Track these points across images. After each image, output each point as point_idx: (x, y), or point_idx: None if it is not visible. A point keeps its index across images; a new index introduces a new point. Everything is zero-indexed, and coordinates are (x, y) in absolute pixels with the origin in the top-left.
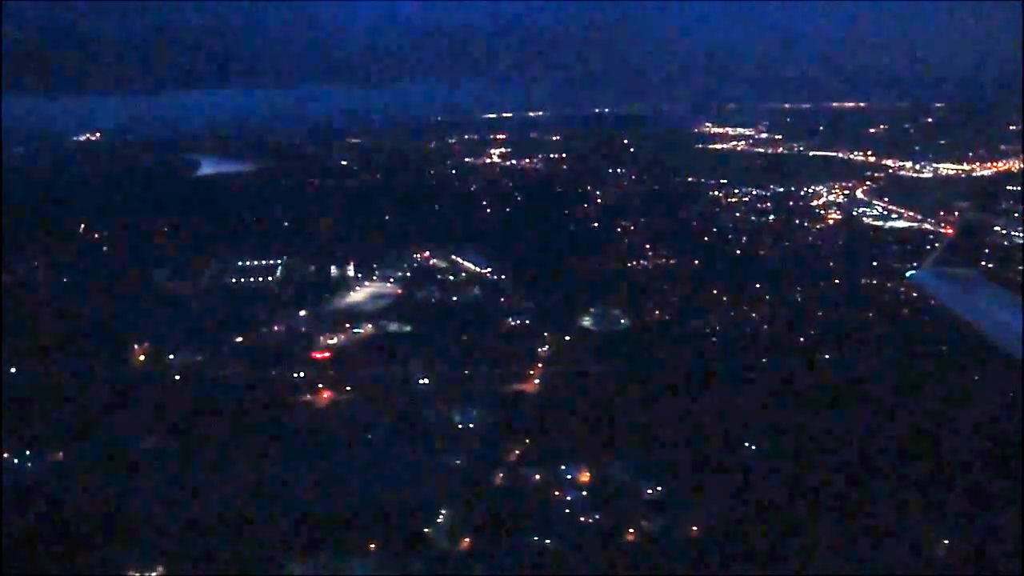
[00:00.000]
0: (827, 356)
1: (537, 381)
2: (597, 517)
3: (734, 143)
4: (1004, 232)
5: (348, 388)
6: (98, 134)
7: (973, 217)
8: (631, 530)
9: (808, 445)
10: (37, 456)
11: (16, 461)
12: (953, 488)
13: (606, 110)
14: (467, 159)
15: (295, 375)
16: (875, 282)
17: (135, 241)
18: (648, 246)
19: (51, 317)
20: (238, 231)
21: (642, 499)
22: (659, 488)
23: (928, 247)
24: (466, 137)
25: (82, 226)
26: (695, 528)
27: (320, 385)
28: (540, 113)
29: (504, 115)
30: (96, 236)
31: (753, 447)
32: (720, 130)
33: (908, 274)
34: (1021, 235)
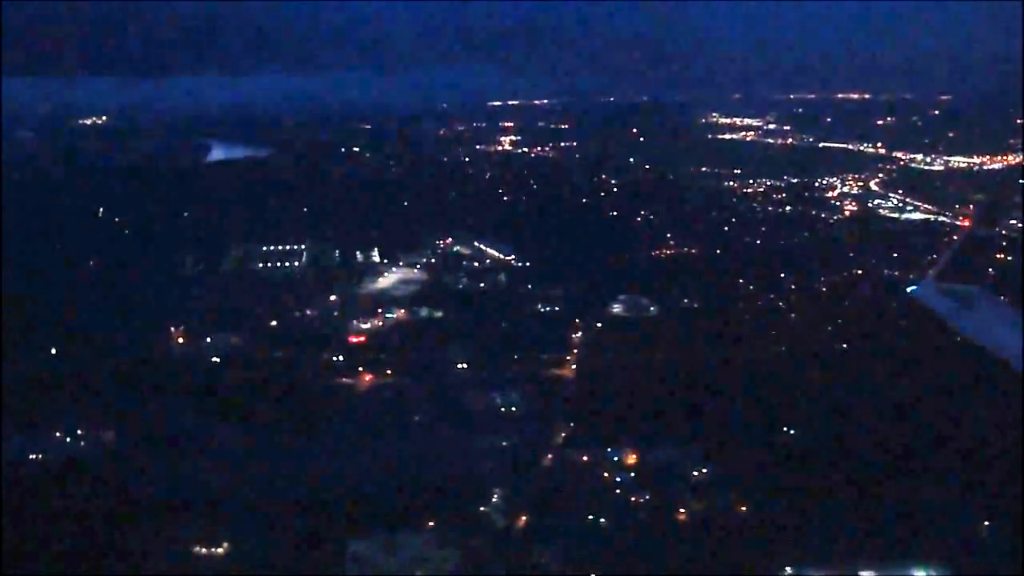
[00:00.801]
0: (852, 345)
1: (574, 366)
2: (647, 497)
3: (743, 134)
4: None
5: (388, 371)
6: (104, 118)
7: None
8: (681, 509)
9: (840, 427)
10: (91, 435)
11: (69, 440)
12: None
13: (611, 99)
14: (478, 146)
15: (334, 358)
16: (897, 272)
17: (154, 226)
18: (669, 235)
19: (83, 300)
20: (255, 217)
21: (688, 480)
22: (704, 470)
23: (946, 239)
24: (475, 124)
25: (100, 210)
26: (743, 508)
27: (360, 368)
28: (546, 101)
29: (511, 103)
30: (116, 221)
31: (790, 430)
32: (728, 120)
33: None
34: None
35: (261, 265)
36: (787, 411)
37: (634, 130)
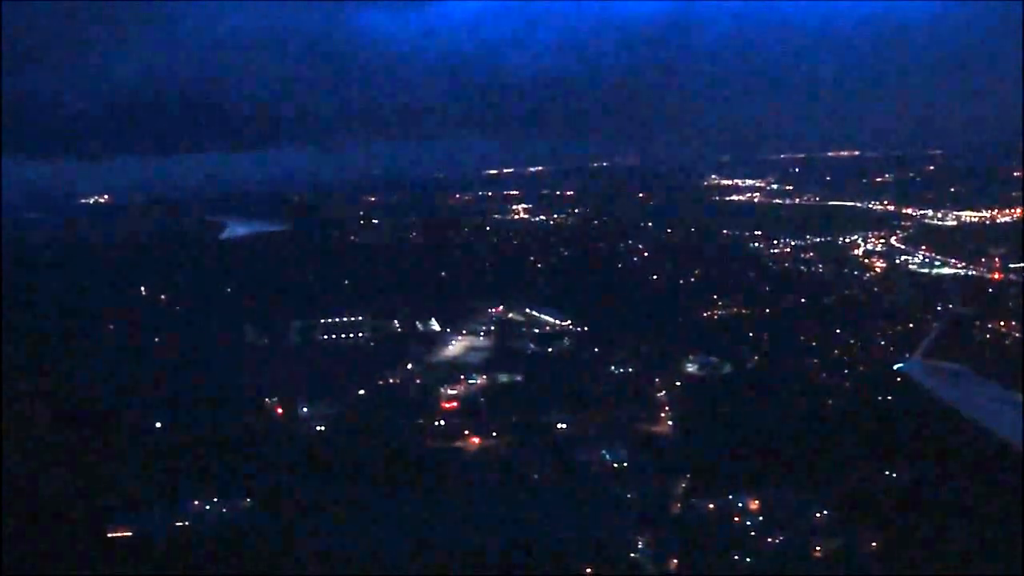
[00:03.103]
0: None
1: (669, 422)
2: (781, 538)
3: (748, 195)
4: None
5: (494, 433)
6: (106, 196)
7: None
8: (817, 548)
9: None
10: (226, 503)
11: (208, 508)
12: None
13: (604, 164)
14: (495, 216)
15: (435, 423)
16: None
17: (200, 303)
18: (715, 296)
19: (166, 377)
20: (298, 290)
21: (812, 521)
22: (824, 512)
23: (981, 292)
24: (479, 194)
25: (142, 289)
26: (874, 544)
27: (466, 432)
28: (540, 168)
29: (505, 170)
30: (162, 298)
31: (891, 473)
32: (729, 182)
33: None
34: None
35: (325, 337)
36: (878, 453)
37: (641, 195)
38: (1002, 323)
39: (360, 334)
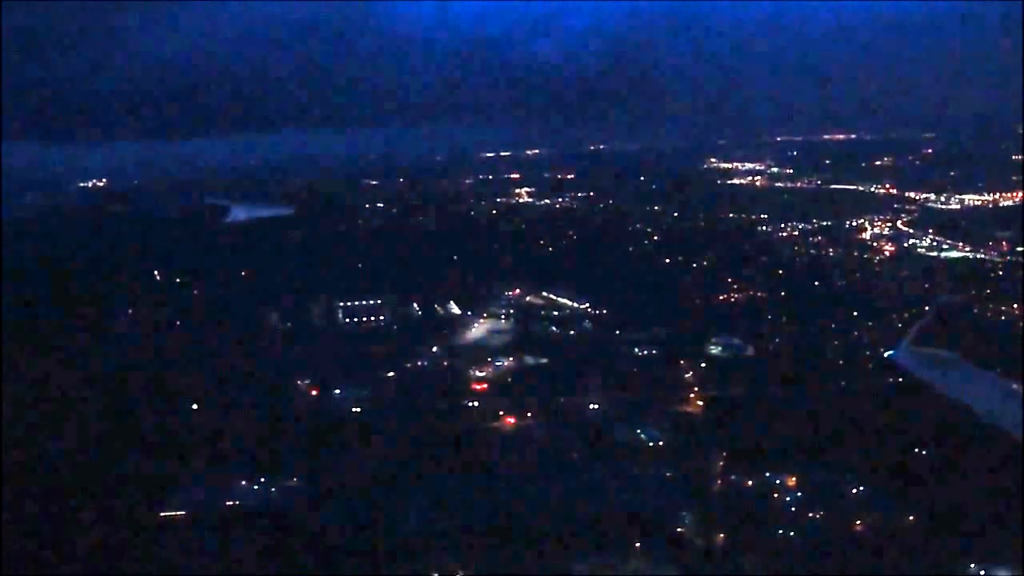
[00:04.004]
0: None
1: (700, 402)
2: (822, 513)
3: (750, 178)
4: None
5: (528, 414)
6: (104, 180)
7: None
8: (858, 522)
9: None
10: (275, 483)
11: (256, 488)
12: None
13: (601, 147)
14: (498, 199)
15: (468, 404)
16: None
17: (215, 288)
18: (730, 280)
19: (198, 359)
20: (313, 274)
21: (850, 498)
22: (861, 488)
23: (991, 276)
24: (480, 177)
25: (156, 273)
26: (911, 518)
27: (500, 412)
28: (537, 151)
29: (503, 153)
30: (179, 282)
31: (921, 451)
32: (728, 165)
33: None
34: None
35: (347, 320)
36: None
37: (642, 178)
38: (1003, 308)
39: (381, 318)
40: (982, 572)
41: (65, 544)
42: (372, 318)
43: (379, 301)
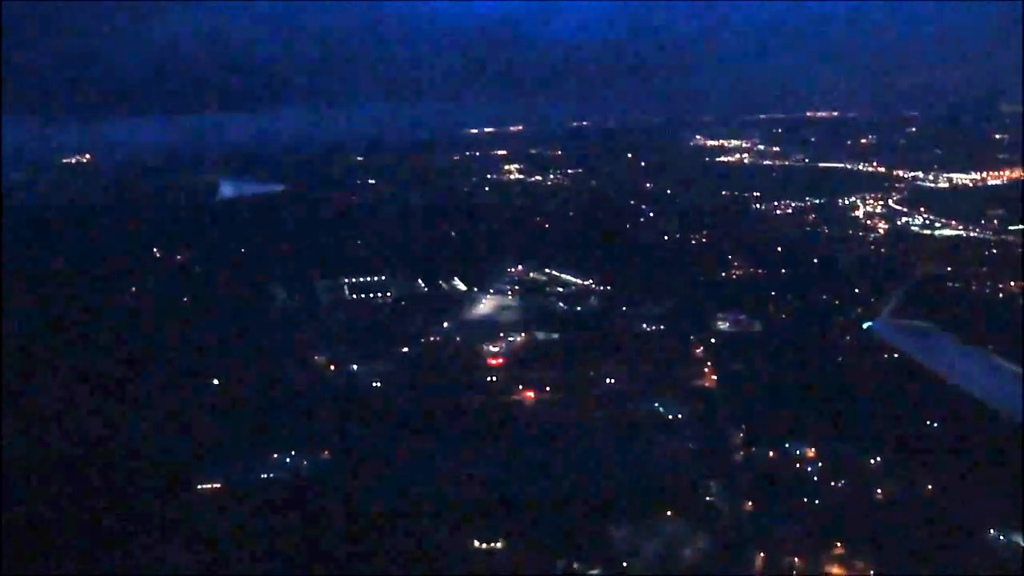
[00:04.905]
0: None
1: (714, 377)
2: (844, 482)
3: (738, 156)
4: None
5: (547, 388)
6: (87, 156)
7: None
8: (878, 491)
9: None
10: (307, 456)
11: (288, 460)
12: None
13: (584, 123)
14: (488, 175)
15: (487, 379)
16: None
17: (216, 264)
18: (730, 257)
19: (212, 335)
20: (311, 251)
21: (869, 468)
22: (878, 458)
23: (987, 253)
24: (467, 154)
25: (155, 250)
26: (930, 487)
27: (520, 386)
28: (520, 128)
29: (486, 130)
30: (178, 259)
31: (932, 423)
32: (715, 143)
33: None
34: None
35: (353, 296)
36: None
37: (630, 155)
38: (987, 284)
39: (387, 294)
40: (1001, 537)
41: (104, 517)
42: (378, 295)
43: (383, 278)
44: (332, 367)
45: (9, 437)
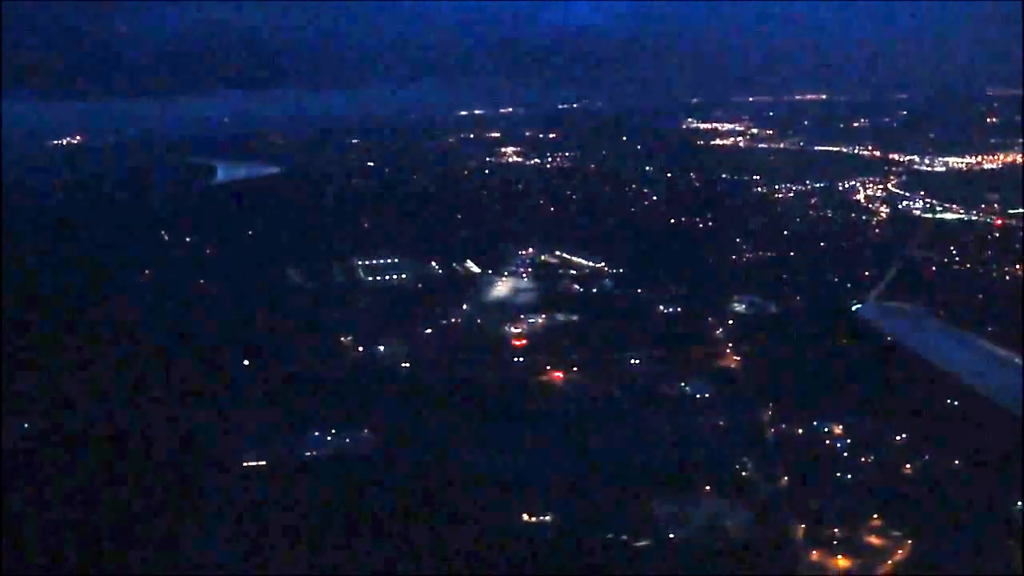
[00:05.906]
0: None
1: (736, 357)
2: (872, 458)
3: (732, 139)
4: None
5: (574, 368)
6: (79, 138)
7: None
8: (906, 466)
9: None
10: (347, 434)
11: (329, 439)
12: None
13: (574, 106)
14: (488, 158)
15: (512, 359)
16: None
17: (231, 246)
18: (738, 240)
19: (241, 318)
20: (320, 234)
21: (896, 444)
22: (904, 435)
23: (989, 237)
24: (462, 136)
25: (163, 234)
26: (956, 462)
27: (547, 367)
28: (511, 110)
29: (476, 112)
30: (188, 241)
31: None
32: (708, 126)
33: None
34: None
35: (369, 279)
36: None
37: (624, 138)
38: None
39: (403, 276)
40: None
41: (156, 493)
42: (393, 276)
43: (395, 260)
44: (360, 348)
45: (59, 417)
